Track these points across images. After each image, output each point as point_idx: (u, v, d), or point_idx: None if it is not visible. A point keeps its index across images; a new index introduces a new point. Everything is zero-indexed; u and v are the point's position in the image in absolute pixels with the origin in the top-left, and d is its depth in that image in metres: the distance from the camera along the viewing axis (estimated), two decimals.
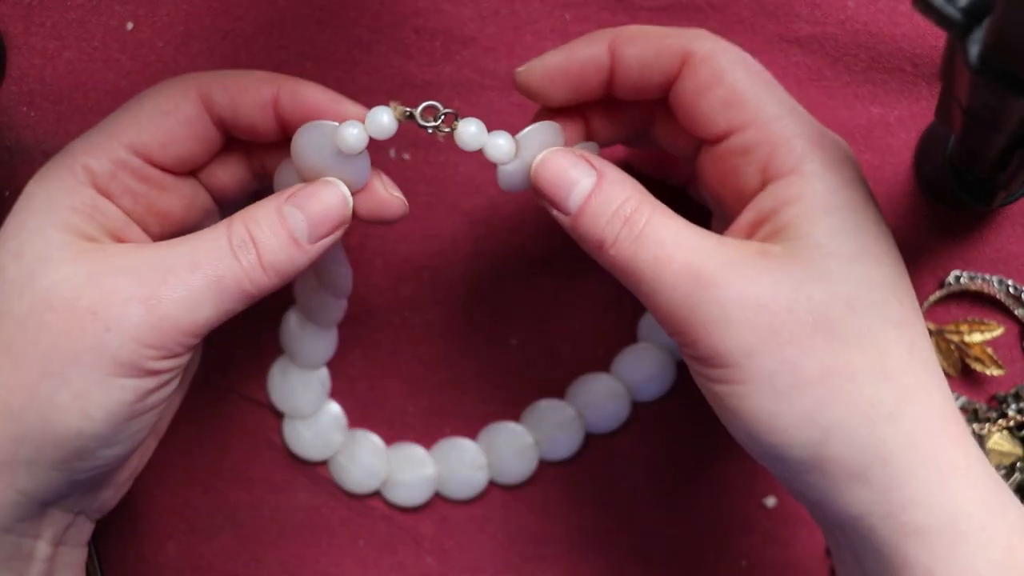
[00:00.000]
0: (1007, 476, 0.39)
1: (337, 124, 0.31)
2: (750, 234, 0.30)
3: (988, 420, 0.40)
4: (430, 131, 0.31)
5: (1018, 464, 0.39)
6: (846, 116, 0.40)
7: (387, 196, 0.32)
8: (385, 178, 0.33)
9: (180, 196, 0.33)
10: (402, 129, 0.31)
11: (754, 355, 0.27)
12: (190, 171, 0.33)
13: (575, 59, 0.31)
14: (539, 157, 0.31)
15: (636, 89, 0.31)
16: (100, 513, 0.35)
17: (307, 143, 0.31)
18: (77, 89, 0.40)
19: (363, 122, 0.31)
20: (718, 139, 0.30)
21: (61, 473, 0.29)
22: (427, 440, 0.42)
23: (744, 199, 0.30)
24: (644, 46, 0.30)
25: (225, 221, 0.30)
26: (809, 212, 0.28)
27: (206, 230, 0.30)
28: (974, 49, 0.24)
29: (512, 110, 0.40)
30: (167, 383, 0.30)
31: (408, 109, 0.31)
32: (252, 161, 0.34)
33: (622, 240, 0.29)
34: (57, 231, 0.29)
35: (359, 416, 0.42)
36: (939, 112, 0.32)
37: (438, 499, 0.42)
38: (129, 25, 0.40)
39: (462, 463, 0.42)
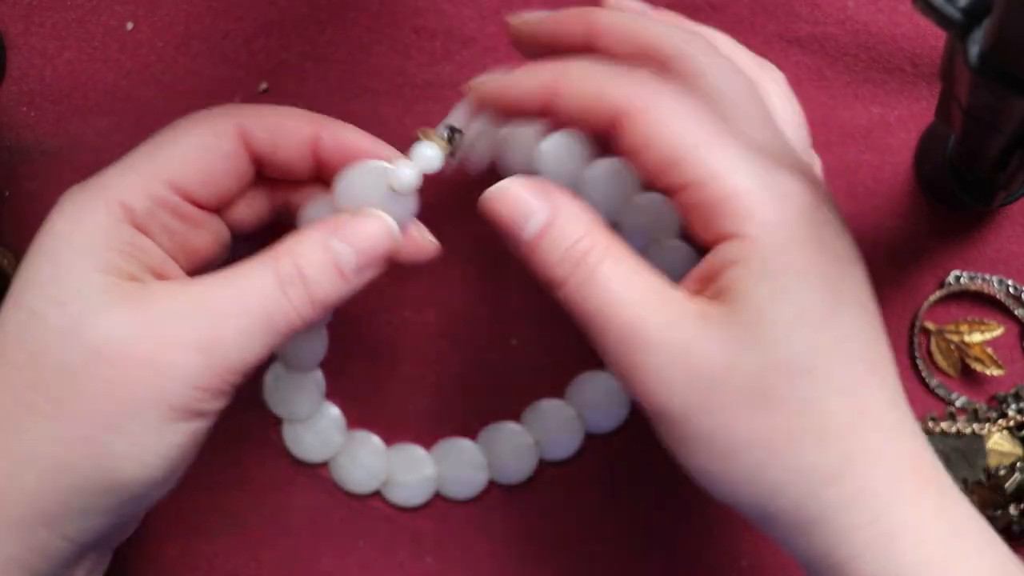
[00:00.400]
0: (1007, 476, 0.39)
1: (387, 164, 0.30)
2: (700, 288, 0.29)
3: (988, 420, 0.40)
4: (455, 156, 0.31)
5: (1018, 464, 0.39)
6: (846, 116, 0.40)
7: (421, 240, 0.32)
8: (417, 222, 0.32)
9: (210, 233, 0.32)
10: (400, 130, 0.31)
11: (692, 418, 0.27)
12: (220, 206, 0.33)
13: (516, 90, 0.31)
14: (495, 187, 0.30)
15: (578, 127, 0.31)
16: (120, 541, 0.34)
17: (357, 182, 0.31)
18: (77, 89, 0.40)
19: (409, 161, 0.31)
20: (666, 193, 0.29)
21: (111, 518, 0.29)
22: (427, 440, 0.42)
23: (704, 246, 0.29)
24: (580, 98, 0.29)
25: (270, 256, 0.30)
26: (748, 276, 0.27)
27: (250, 266, 0.29)
28: (974, 49, 0.24)
29: None
30: (214, 420, 0.30)
31: (445, 133, 0.31)
32: (276, 196, 0.34)
33: (571, 283, 0.29)
34: (100, 274, 0.28)
35: (359, 417, 0.42)
36: (939, 112, 0.33)
37: (438, 499, 0.42)
38: (129, 25, 0.40)
39: (462, 463, 0.42)
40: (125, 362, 0.28)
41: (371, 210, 0.31)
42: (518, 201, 0.30)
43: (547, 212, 0.29)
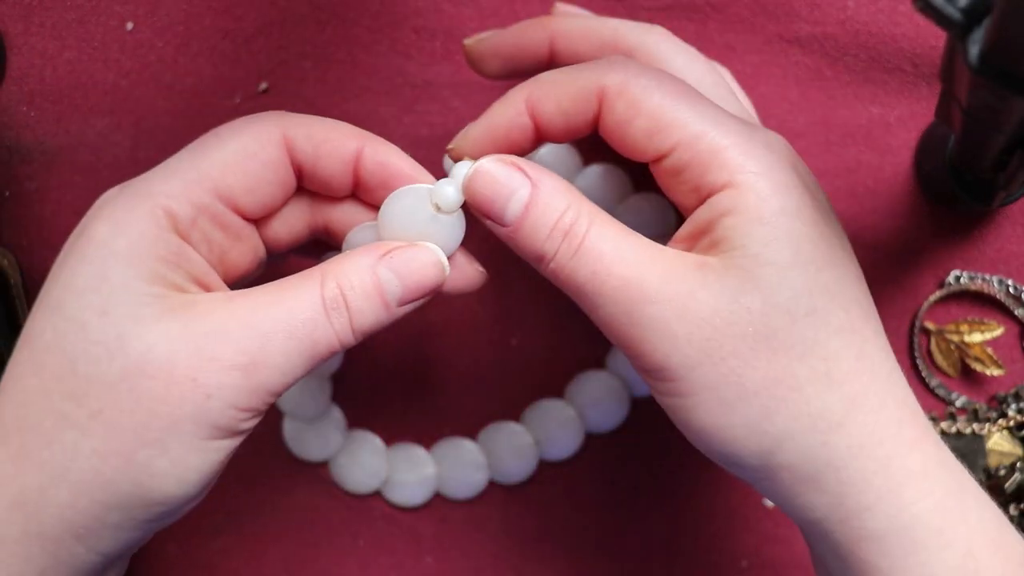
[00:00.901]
0: (1007, 476, 0.39)
1: (431, 186, 0.30)
2: (690, 246, 0.29)
3: (988, 420, 0.40)
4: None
5: (1018, 464, 0.39)
6: (846, 116, 0.40)
7: (471, 269, 0.32)
8: (465, 251, 0.32)
9: (250, 247, 0.32)
10: (400, 130, 0.31)
11: (697, 368, 0.27)
12: (261, 218, 0.32)
13: (496, 126, 0.30)
14: (471, 168, 0.30)
15: (566, 134, 0.31)
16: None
17: (402, 207, 0.30)
18: (77, 89, 0.40)
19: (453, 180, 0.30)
20: (653, 162, 0.30)
21: (143, 533, 0.29)
22: (427, 440, 0.42)
23: (689, 211, 0.30)
24: (559, 96, 0.30)
25: (316, 275, 0.29)
26: (743, 223, 0.28)
27: (296, 284, 0.29)
28: (974, 49, 0.24)
29: None
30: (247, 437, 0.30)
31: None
32: (316, 217, 0.33)
33: (561, 255, 0.29)
34: (144, 284, 0.28)
35: (360, 417, 0.42)
36: (939, 112, 0.33)
37: (438, 499, 0.42)
38: (129, 25, 0.40)
39: (462, 463, 0.42)
40: (169, 379, 0.27)
41: (425, 244, 0.30)
42: (496, 180, 0.29)
43: (528, 188, 0.29)
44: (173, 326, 0.27)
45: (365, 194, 0.31)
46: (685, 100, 0.29)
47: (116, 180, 0.41)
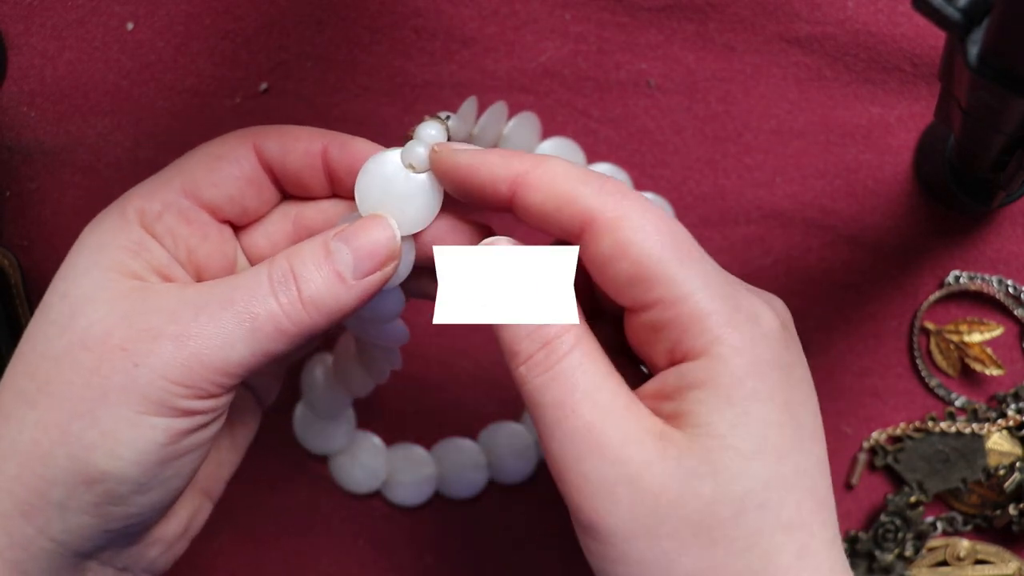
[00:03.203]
0: (1007, 476, 0.39)
1: (399, 148, 0.30)
2: (654, 405, 0.28)
3: (988, 420, 0.40)
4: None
5: (1018, 464, 0.39)
6: (846, 116, 0.40)
7: (465, 226, 0.31)
8: (456, 209, 0.31)
9: (220, 252, 0.32)
10: (400, 130, 0.31)
11: (632, 540, 0.26)
12: (241, 224, 0.32)
13: (482, 174, 0.29)
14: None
15: (539, 224, 0.29)
16: (150, 574, 0.33)
17: (375, 173, 0.30)
18: (77, 89, 0.40)
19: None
20: (629, 309, 0.28)
21: (93, 519, 0.28)
22: (427, 440, 0.42)
23: (656, 368, 0.29)
24: (545, 199, 0.28)
25: (268, 259, 0.29)
26: (713, 400, 0.26)
27: (250, 269, 0.29)
28: (974, 49, 0.24)
29: (512, 110, 0.40)
30: (203, 426, 0.29)
31: (440, 115, 0.31)
32: (300, 228, 0.33)
33: (535, 365, 0.27)
34: (103, 271, 0.29)
35: (360, 417, 0.42)
36: (939, 112, 0.33)
37: (438, 499, 0.42)
38: (129, 25, 0.40)
39: (462, 463, 0.42)
40: (102, 349, 0.28)
41: (377, 213, 0.30)
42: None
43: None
44: (120, 304, 0.28)
45: (343, 189, 0.32)
46: (676, 252, 0.27)
47: (116, 180, 0.41)
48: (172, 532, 0.32)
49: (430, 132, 0.30)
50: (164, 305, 0.28)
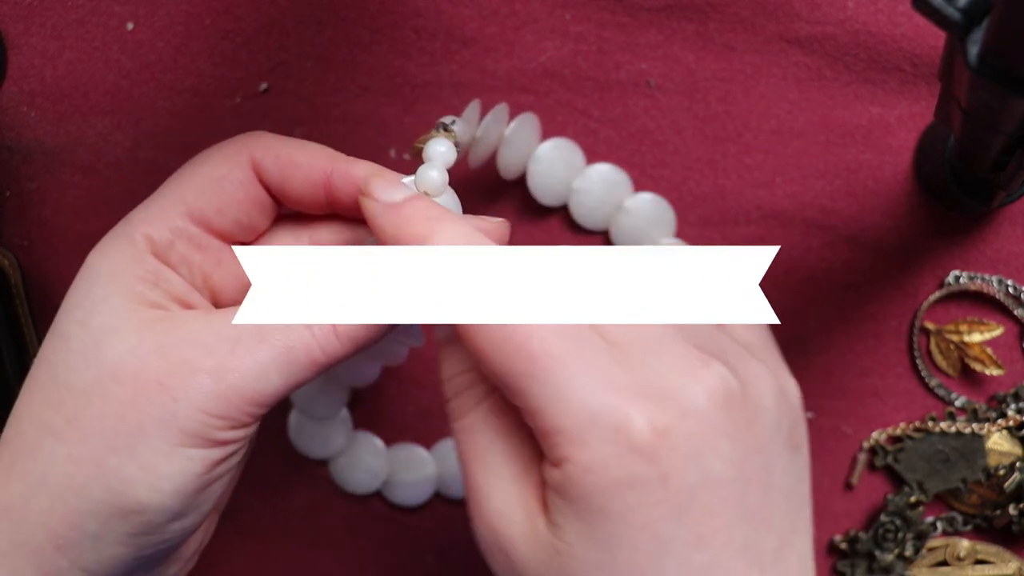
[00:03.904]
0: (1007, 476, 0.39)
1: (412, 176, 0.30)
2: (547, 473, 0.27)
3: (987, 420, 0.40)
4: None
5: (1018, 464, 0.39)
6: (846, 116, 0.40)
7: (489, 226, 0.30)
8: (486, 218, 0.30)
9: (234, 273, 0.32)
10: (400, 130, 0.31)
11: None
12: (248, 240, 0.32)
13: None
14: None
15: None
16: None
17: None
18: (77, 89, 0.40)
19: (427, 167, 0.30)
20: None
21: (128, 549, 0.29)
22: (427, 440, 0.42)
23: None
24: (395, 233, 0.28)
25: None
26: (566, 509, 0.26)
27: None
28: (974, 49, 0.24)
29: (512, 110, 0.40)
30: (234, 453, 0.29)
31: (442, 128, 0.31)
32: (301, 240, 0.33)
33: (452, 410, 0.29)
34: (123, 300, 0.29)
35: (360, 417, 0.42)
36: (939, 112, 0.33)
37: (438, 499, 0.42)
38: (129, 25, 0.40)
39: None
40: (137, 384, 0.27)
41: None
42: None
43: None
44: (147, 336, 0.28)
45: (343, 209, 0.31)
46: (530, 364, 0.26)
47: (116, 180, 0.41)
48: (191, 549, 0.33)
49: (439, 150, 0.30)
50: (196, 337, 0.28)
